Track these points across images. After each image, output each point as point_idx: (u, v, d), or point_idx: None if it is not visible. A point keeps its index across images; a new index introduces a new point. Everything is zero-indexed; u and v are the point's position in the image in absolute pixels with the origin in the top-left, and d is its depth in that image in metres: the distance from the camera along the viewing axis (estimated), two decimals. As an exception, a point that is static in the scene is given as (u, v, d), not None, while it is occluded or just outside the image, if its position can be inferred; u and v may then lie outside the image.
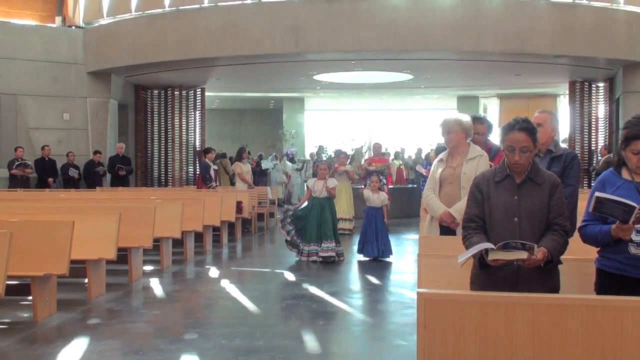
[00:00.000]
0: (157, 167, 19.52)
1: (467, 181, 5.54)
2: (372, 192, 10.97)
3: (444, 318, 3.32)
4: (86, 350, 5.82)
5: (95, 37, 16.80)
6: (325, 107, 27.45)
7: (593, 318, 3.21)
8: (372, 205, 10.96)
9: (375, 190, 10.97)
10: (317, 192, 10.63)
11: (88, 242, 7.58)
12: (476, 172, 5.48)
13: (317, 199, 10.62)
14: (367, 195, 10.98)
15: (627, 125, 3.65)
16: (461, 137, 5.79)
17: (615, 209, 3.44)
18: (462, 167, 5.71)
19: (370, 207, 10.97)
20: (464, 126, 5.79)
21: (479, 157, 5.71)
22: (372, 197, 10.94)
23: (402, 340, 6.14)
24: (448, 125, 5.81)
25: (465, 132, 5.81)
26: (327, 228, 10.46)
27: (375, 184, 11.00)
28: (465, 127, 5.80)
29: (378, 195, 10.96)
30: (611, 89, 17.56)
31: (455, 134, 5.79)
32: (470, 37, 14.40)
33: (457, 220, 5.62)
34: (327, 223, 10.50)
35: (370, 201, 10.96)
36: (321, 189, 10.60)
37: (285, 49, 14.86)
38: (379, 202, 10.96)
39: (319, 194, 10.62)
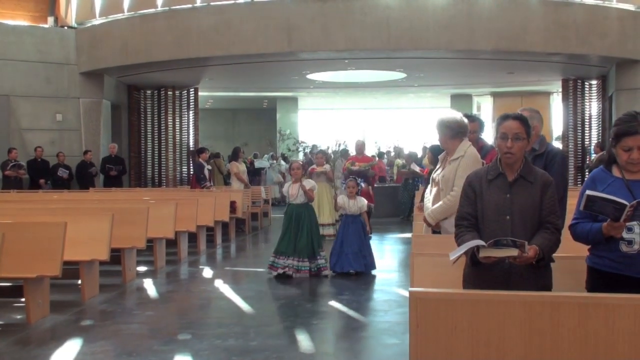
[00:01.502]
0: (151, 168, 19.49)
1: (445, 183, 5.52)
2: (349, 197, 9.56)
3: (436, 317, 3.32)
4: (79, 351, 5.80)
5: (88, 37, 16.75)
6: (318, 106, 27.47)
7: (585, 316, 3.21)
8: (348, 213, 9.55)
9: (352, 195, 9.55)
10: (293, 197, 9.16)
11: (81, 243, 7.57)
12: (455, 174, 5.47)
13: (292, 205, 9.20)
14: (342, 202, 9.55)
15: (617, 122, 3.65)
16: (444, 137, 5.66)
17: (606, 207, 3.44)
18: (446, 168, 5.63)
19: (346, 216, 9.57)
20: (442, 126, 5.65)
21: (461, 157, 5.54)
22: (349, 204, 9.52)
23: (395, 339, 6.14)
24: (436, 127, 5.76)
25: (447, 132, 5.63)
26: (305, 242, 8.99)
27: (352, 188, 9.57)
28: (445, 127, 5.64)
29: (355, 202, 9.53)
30: (604, 87, 17.60)
31: (440, 136, 5.73)
32: (463, 35, 14.41)
33: (432, 223, 5.63)
34: (305, 236, 9.02)
35: (347, 209, 9.53)
36: (296, 194, 9.14)
37: (278, 48, 14.84)
38: (356, 209, 9.52)
39: (294, 199, 9.16)
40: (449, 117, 5.73)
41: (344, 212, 9.61)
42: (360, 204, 9.59)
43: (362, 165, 13.31)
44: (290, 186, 9.29)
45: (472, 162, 5.48)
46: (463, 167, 5.41)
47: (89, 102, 17.04)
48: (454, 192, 5.41)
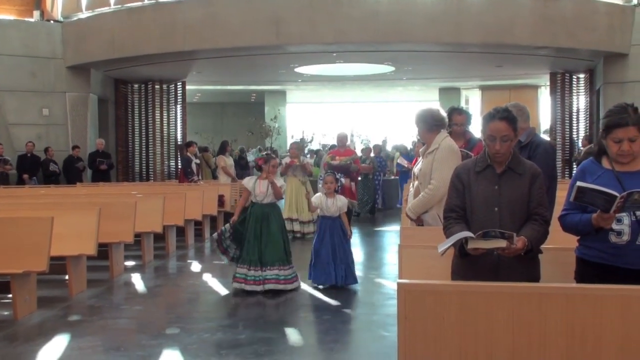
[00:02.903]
0: (139, 162, 19.41)
1: (422, 177, 5.56)
2: (327, 196, 8.18)
3: (424, 308, 3.33)
4: (67, 347, 5.77)
5: (74, 31, 16.62)
6: (307, 99, 27.44)
7: (573, 307, 3.23)
8: (326, 215, 8.16)
9: (331, 193, 8.17)
10: (260, 195, 7.86)
11: (68, 238, 7.54)
12: (431, 166, 5.48)
13: (257, 205, 7.88)
14: (319, 202, 8.16)
15: (608, 113, 3.64)
16: (421, 131, 5.73)
17: (596, 198, 3.43)
18: (423, 162, 5.67)
19: (323, 217, 8.19)
20: (419, 120, 5.72)
21: (435, 150, 5.59)
22: (326, 204, 8.11)
23: (385, 332, 6.14)
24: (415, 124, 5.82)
25: (423, 125, 5.70)
26: (274, 249, 7.76)
27: (329, 185, 8.18)
28: (421, 121, 5.71)
29: (334, 201, 8.12)
30: (591, 80, 17.62)
31: (419, 130, 5.80)
32: (451, 28, 14.39)
33: (413, 217, 5.65)
34: (276, 241, 7.81)
35: (324, 209, 8.13)
36: (265, 192, 7.86)
37: (266, 41, 14.78)
38: (335, 209, 8.11)
39: (261, 198, 7.86)
40: (424, 110, 5.80)
41: (321, 213, 8.24)
42: (340, 204, 8.16)
43: (344, 159, 12.20)
44: (257, 182, 7.94)
45: (447, 154, 5.51)
46: (438, 160, 5.46)
47: (76, 96, 16.91)
48: (432, 185, 5.44)
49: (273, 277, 7.69)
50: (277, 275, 7.71)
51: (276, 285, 7.65)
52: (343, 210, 8.22)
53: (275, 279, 7.69)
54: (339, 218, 8.17)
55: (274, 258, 7.71)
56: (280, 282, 7.70)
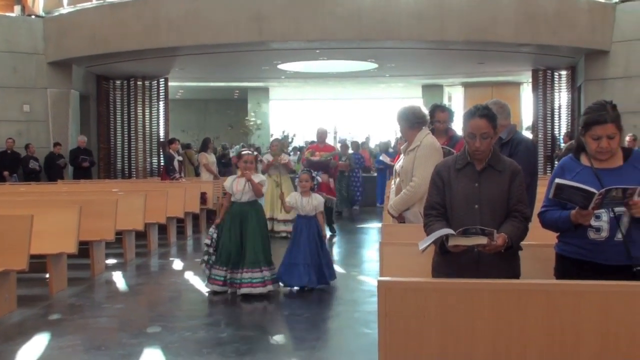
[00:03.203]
0: (121, 159, 19.28)
1: (404, 174, 5.56)
2: (302, 195, 7.96)
3: (405, 306, 3.32)
4: (47, 346, 5.74)
5: (56, 26, 16.48)
6: (290, 96, 27.39)
7: (553, 303, 3.23)
8: (302, 214, 7.95)
9: (306, 192, 7.95)
10: (238, 193, 7.56)
11: (48, 236, 7.48)
12: (413, 164, 5.49)
13: (236, 205, 7.60)
14: (293, 201, 7.95)
15: (587, 110, 3.66)
16: (403, 128, 5.74)
17: (575, 195, 3.45)
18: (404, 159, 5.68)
19: (299, 217, 7.98)
20: (400, 118, 5.73)
21: (417, 147, 5.59)
22: (301, 203, 7.89)
23: (367, 329, 6.14)
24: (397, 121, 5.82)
25: (404, 123, 5.71)
26: (254, 249, 7.44)
27: (305, 183, 7.95)
28: (402, 119, 5.72)
29: (310, 199, 7.89)
30: (573, 77, 17.74)
31: (400, 128, 5.81)
32: (434, 26, 14.41)
33: (394, 215, 5.65)
34: (254, 241, 7.48)
35: (299, 208, 7.93)
36: (242, 190, 7.55)
37: (249, 38, 14.72)
38: (311, 208, 7.87)
39: (240, 196, 7.56)
40: (406, 108, 5.80)
41: (296, 212, 8.05)
42: (316, 203, 7.90)
43: (323, 155, 11.87)
44: (235, 181, 7.65)
45: (429, 151, 5.52)
46: (420, 157, 5.46)
47: (57, 92, 16.77)
48: (413, 183, 5.45)
49: (247, 281, 7.32)
50: (251, 278, 7.35)
51: (251, 289, 7.29)
52: (319, 210, 7.95)
53: (250, 283, 7.33)
54: (315, 217, 7.90)
55: (251, 259, 7.37)
56: (255, 286, 7.33)
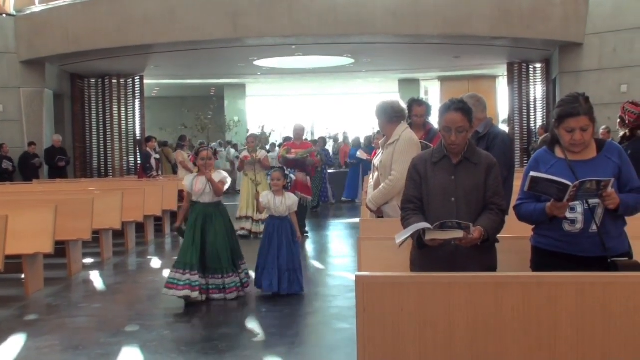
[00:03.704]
0: (97, 158, 19.14)
1: (383, 168, 5.58)
2: (275, 194, 7.45)
3: (382, 300, 3.34)
4: (24, 347, 5.69)
5: (28, 25, 16.29)
6: (266, 92, 27.31)
7: (529, 295, 3.26)
8: (275, 215, 7.45)
9: (279, 191, 7.46)
10: (198, 193, 7.11)
11: (24, 236, 7.43)
12: (392, 158, 5.51)
13: (199, 205, 7.15)
14: (265, 200, 7.41)
15: (560, 103, 3.68)
16: (382, 122, 5.76)
17: (550, 188, 3.47)
18: (383, 153, 5.70)
19: (272, 217, 7.50)
20: (380, 111, 5.74)
21: (396, 141, 5.61)
22: (274, 203, 7.39)
23: (345, 324, 6.15)
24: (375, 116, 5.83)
25: (384, 117, 5.72)
26: (220, 254, 7.01)
27: (277, 182, 7.45)
28: (382, 112, 5.73)
29: (283, 199, 7.43)
30: (548, 70, 17.87)
31: (379, 122, 5.82)
32: (409, 20, 14.44)
33: (373, 209, 5.67)
34: (219, 246, 7.04)
35: (272, 208, 7.42)
36: (202, 189, 7.10)
37: (224, 34, 14.66)
38: (284, 209, 7.40)
39: (199, 196, 7.13)
40: (385, 102, 5.83)
41: (269, 212, 7.57)
42: (290, 202, 7.44)
43: (300, 153, 11.32)
44: (195, 179, 7.19)
45: (407, 145, 5.54)
46: (399, 151, 5.48)
47: (31, 91, 16.57)
48: (392, 177, 5.46)
49: (215, 287, 6.96)
50: (221, 285, 6.98)
51: (220, 294, 6.96)
52: (293, 210, 7.49)
53: (218, 289, 6.97)
54: (288, 218, 7.44)
55: (218, 265, 6.98)
56: (224, 292, 6.99)
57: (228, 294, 7.02)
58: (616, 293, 3.23)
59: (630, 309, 3.21)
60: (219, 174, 7.23)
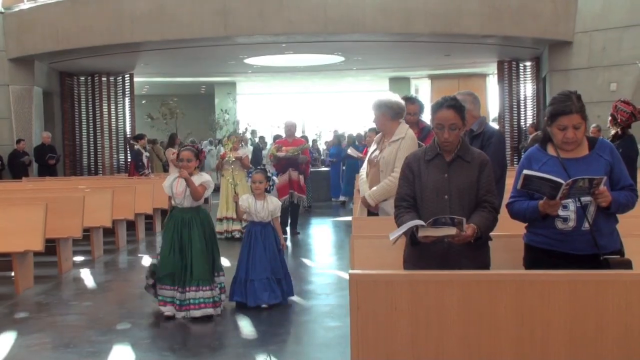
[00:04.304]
0: (87, 156, 19.07)
1: (385, 165, 5.54)
2: (256, 198, 6.79)
3: (376, 298, 3.33)
4: (14, 345, 5.66)
5: (16, 22, 16.19)
6: (257, 91, 27.28)
7: (522, 293, 3.27)
8: (255, 220, 6.79)
9: (260, 194, 6.80)
10: (178, 197, 6.45)
11: (13, 234, 7.41)
12: (396, 155, 5.48)
13: (177, 210, 6.51)
14: (245, 204, 6.75)
15: (552, 101, 3.69)
16: (383, 119, 5.68)
17: (542, 186, 3.48)
18: (385, 150, 5.65)
19: (253, 224, 6.82)
20: (383, 108, 5.66)
21: (401, 139, 5.57)
22: (255, 207, 6.73)
23: (337, 322, 6.16)
24: (372, 109, 5.77)
25: (388, 113, 5.65)
26: (201, 265, 6.29)
27: (259, 184, 6.79)
28: (387, 108, 5.65)
29: (264, 203, 6.75)
30: (538, 68, 17.94)
31: (376, 117, 5.73)
32: (399, 18, 14.46)
33: (372, 204, 5.61)
34: (200, 255, 6.32)
35: (252, 213, 6.75)
36: (183, 192, 6.42)
37: (214, 32, 14.63)
38: (265, 214, 6.73)
39: (180, 200, 6.46)
40: (390, 98, 5.75)
41: (249, 217, 6.86)
42: (272, 207, 6.79)
43: (291, 150, 10.91)
44: (175, 181, 6.48)
45: (412, 144, 5.55)
46: (404, 149, 5.42)
47: (20, 89, 16.48)
48: (395, 174, 5.44)
49: (196, 302, 6.22)
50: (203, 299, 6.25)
51: (205, 310, 6.23)
52: (275, 215, 6.83)
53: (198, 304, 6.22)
54: (271, 224, 6.81)
55: (198, 277, 6.26)
56: (208, 306, 6.28)
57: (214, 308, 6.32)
58: (609, 291, 3.24)
59: (623, 307, 3.22)
60: (201, 177, 6.49)
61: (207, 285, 6.27)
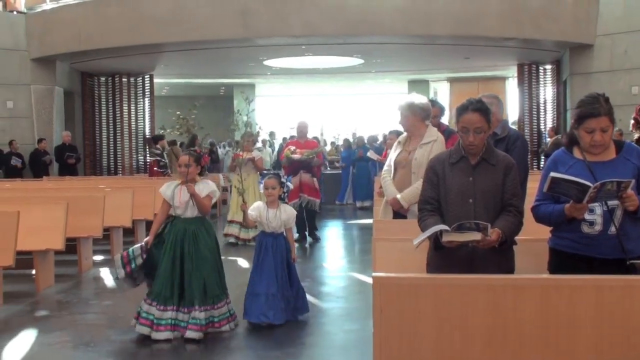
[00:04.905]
0: (106, 156, 19.19)
1: (418, 167, 5.51)
2: (268, 206, 6.12)
3: (400, 301, 3.31)
4: (35, 343, 5.70)
5: (39, 22, 16.33)
6: (276, 92, 27.33)
7: (548, 298, 3.23)
8: (266, 231, 6.12)
9: (273, 202, 6.13)
10: (180, 207, 5.76)
11: (35, 232, 7.45)
12: (429, 157, 5.45)
13: (178, 221, 5.80)
14: (256, 214, 6.07)
15: (580, 104, 3.64)
16: (413, 120, 5.66)
17: (570, 189, 3.44)
18: (416, 151, 5.62)
19: (264, 234, 6.15)
20: (415, 109, 5.64)
21: (433, 141, 5.59)
22: (266, 217, 6.05)
23: (355, 325, 6.14)
24: (400, 109, 5.74)
25: (419, 114, 5.65)
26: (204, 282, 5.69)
27: (271, 190, 6.11)
28: (418, 110, 5.64)
29: (277, 212, 6.06)
30: (558, 71, 17.79)
31: (405, 118, 5.71)
32: (419, 20, 14.41)
33: (405, 207, 5.58)
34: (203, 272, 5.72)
35: (264, 224, 6.08)
36: (186, 202, 5.72)
37: (234, 34, 14.67)
38: (278, 224, 6.07)
39: (182, 210, 5.76)
40: (421, 100, 5.77)
41: (260, 227, 6.19)
42: (285, 217, 6.10)
43: (305, 153, 10.41)
44: (177, 188, 5.81)
45: (443, 148, 5.53)
46: (436, 152, 5.34)
47: (41, 89, 16.62)
48: None
49: (198, 322, 5.59)
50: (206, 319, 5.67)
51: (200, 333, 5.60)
52: (288, 226, 6.19)
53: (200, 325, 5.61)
54: (283, 235, 6.17)
55: (200, 295, 5.67)
56: (214, 325, 5.75)
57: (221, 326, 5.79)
58: (635, 296, 3.20)
59: (650, 312, 3.18)
60: (206, 186, 5.82)
61: (213, 302, 5.73)
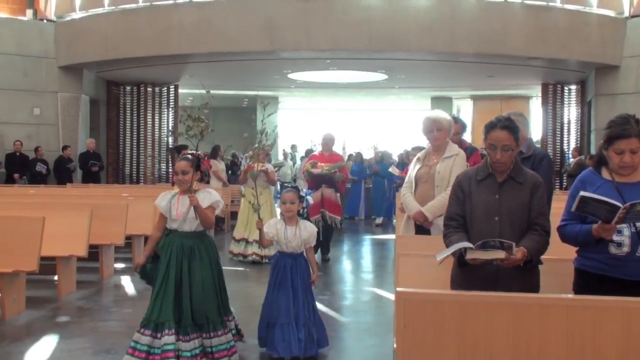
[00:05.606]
0: (129, 164, 19.33)
1: (441, 180, 5.58)
2: (286, 223, 5.48)
3: (423, 318, 3.29)
4: (56, 348, 5.73)
5: (67, 31, 16.54)
6: (299, 106, 27.41)
7: (573, 318, 3.21)
8: (285, 251, 5.47)
9: (292, 218, 5.49)
10: (178, 219, 5.14)
11: (58, 238, 7.49)
12: (451, 171, 5.52)
13: (175, 235, 5.17)
14: (273, 231, 5.46)
15: (610, 124, 3.63)
16: (446, 135, 5.83)
17: (599, 209, 3.42)
18: (437, 165, 5.72)
19: (281, 254, 5.50)
20: (449, 125, 5.85)
21: (455, 155, 5.72)
22: (285, 235, 5.42)
23: (376, 340, 6.12)
24: (438, 123, 5.80)
25: (451, 130, 5.88)
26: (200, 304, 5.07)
27: (290, 205, 5.47)
28: (450, 126, 5.87)
29: (296, 230, 5.43)
30: (583, 92, 17.71)
31: (443, 132, 5.83)
32: (444, 37, 14.43)
33: (430, 219, 5.61)
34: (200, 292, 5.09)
35: (282, 243, 5.44)
36: (185, 213, 5.10)
37: (260, 47, 14.76)
38: (297, 243, 5.43)
39: (179, 224, 5.15)
40: (448, 116, 5.93)
41: (277, 247, 5.56)
42: (306, 235, 5.45)
43: (328, 167, 9.77)
44: (175, 199, 5.20)
45: (464, 163, 5.70)
46: (458, 165, 5.62)
47: (68, 96, 16.82)
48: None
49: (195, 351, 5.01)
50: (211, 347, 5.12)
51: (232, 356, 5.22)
52: (309, 244, 5.53)
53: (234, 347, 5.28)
54: (303, 255, 5.52)
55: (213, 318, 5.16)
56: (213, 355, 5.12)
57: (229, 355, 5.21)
58: (663, 319, 3.17)
59: (677, 336, 3.14)
60: (207, 195, 5.22)
61: (218, 328, 5.18)
